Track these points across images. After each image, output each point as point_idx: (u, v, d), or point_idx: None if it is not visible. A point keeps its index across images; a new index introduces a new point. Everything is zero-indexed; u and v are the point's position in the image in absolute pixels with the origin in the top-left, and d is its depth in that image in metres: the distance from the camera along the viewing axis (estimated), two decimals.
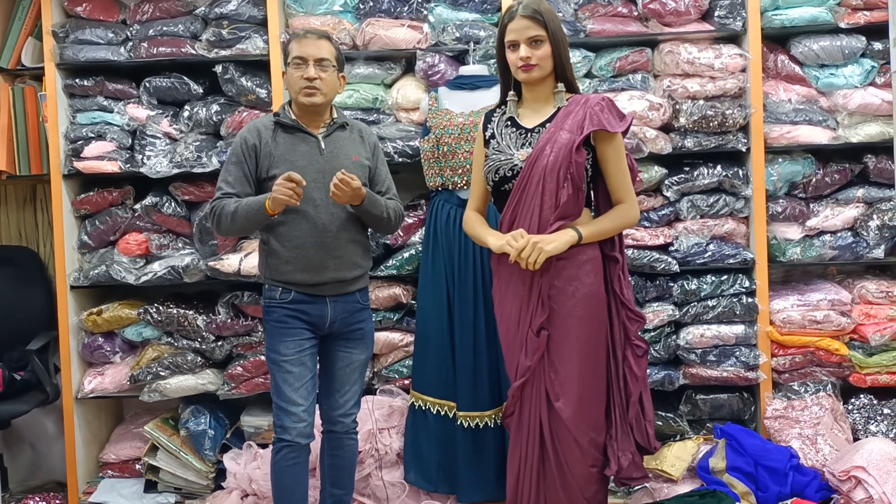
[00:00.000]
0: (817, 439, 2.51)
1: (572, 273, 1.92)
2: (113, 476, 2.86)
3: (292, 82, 2.11)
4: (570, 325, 1.92)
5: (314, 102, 2.10)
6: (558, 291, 1.92)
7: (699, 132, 2.64)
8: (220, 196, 2.11)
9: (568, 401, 1.91)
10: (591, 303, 1.93)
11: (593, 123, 1.88)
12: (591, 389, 1.94)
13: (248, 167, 2.11)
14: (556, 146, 1.89)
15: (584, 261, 1.93)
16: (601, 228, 1.94)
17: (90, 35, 2.74)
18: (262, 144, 2.11)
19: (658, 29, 2.66)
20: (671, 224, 2.71)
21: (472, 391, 2.48)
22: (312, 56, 2.08)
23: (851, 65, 2.64)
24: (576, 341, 1.92)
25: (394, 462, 2.60)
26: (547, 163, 1.89)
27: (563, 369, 1.92)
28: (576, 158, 1.87)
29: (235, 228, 2.10)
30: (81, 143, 2.75)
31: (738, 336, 2.63)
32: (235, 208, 2.06)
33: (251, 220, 2.06)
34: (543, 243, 1.86)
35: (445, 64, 2.69)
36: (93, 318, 2.78)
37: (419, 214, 2.73)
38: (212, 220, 2.13)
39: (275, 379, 2.13)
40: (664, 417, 2.65)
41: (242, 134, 2.15)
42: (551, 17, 1.92)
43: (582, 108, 1.92)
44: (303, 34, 2.13)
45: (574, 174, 1.88)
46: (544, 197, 1.90)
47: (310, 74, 2.07)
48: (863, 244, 2.67)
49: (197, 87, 2.77)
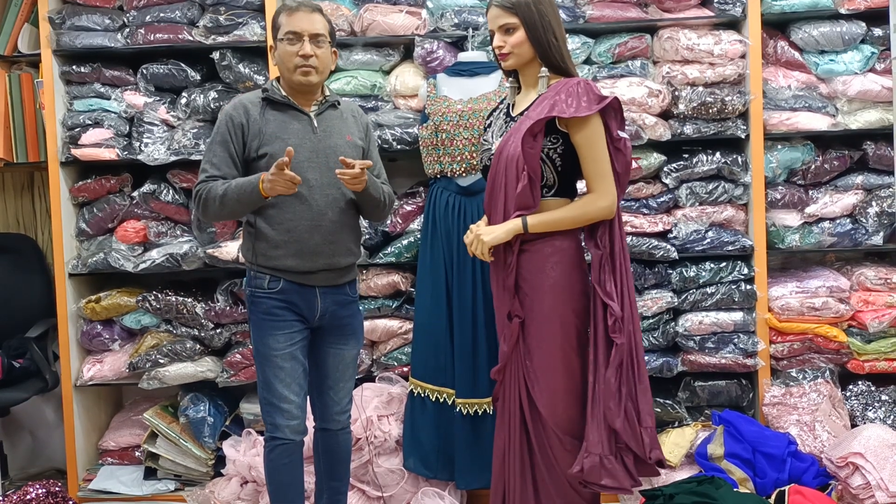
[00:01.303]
0: (815, 426, 2.52)
1: (538, 265, 1.89)
2: (112, 463, 2.86)
3: (285, 58, 1.98)
4: (537, 316, 1.89)
5: (310, 82, 2.00)
6: (526, 282, 1.90)
7: (698, 119, 2.63)
8: (205, 179, 1.99)
9: (541, 391, 1.89)
10: (557, 295, 1.88)
11: (551, 111, 1.82)
12: (562, 382, 1.89)
13: (234, 146, 1.99)
14: (517, 135, 1.85)
15: (551, 252, 1.89)
16: (555, 218, 1.87)
17: (87, 21, 2.73)
18: (251, 122, 1.99)
19: (657, 15, 2.65)
20: (670, 211, 2.71)
21: (470, 378, 2.48)
22: (307, 31, 1.97)
23: (851, 51, 2.63)
24: (543, 333, 1.89)
25: (393, 449, 2.61)
26: (509, 153, 1.87)
27: (535, 358, 1.90)
28: (527, 148, 1.82)
29: (225, 212, 1.98)
30: (79, 130, 2.74)
31: (736, 323, 2.63)
32: (224, 191, 1.94)
33: (243, 203, 1.94)
34: (485, 234, 1.87)
35: (444, 50, 2.67)
36: (91, 306, 2.77)
37: (418, 202, 2.72)
38: (197, 205, 2.00)
39: (264, 374, 2.02)
40: (662, 404, 2.66)
41: (227, 111, 2.01)
42: (525, 5, 1.87)
43: (554, 94, 1.87)
44: (295, 6, 1.99)
45: (528, 164, 1.82)
46: (507, 187, 1.87)
47: (306, 51, 1.96)
48: (862, 231, 2.67)
49: (194, 74, 2.75)
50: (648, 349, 2.66)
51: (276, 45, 2.03)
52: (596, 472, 1.84)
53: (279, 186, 1.87)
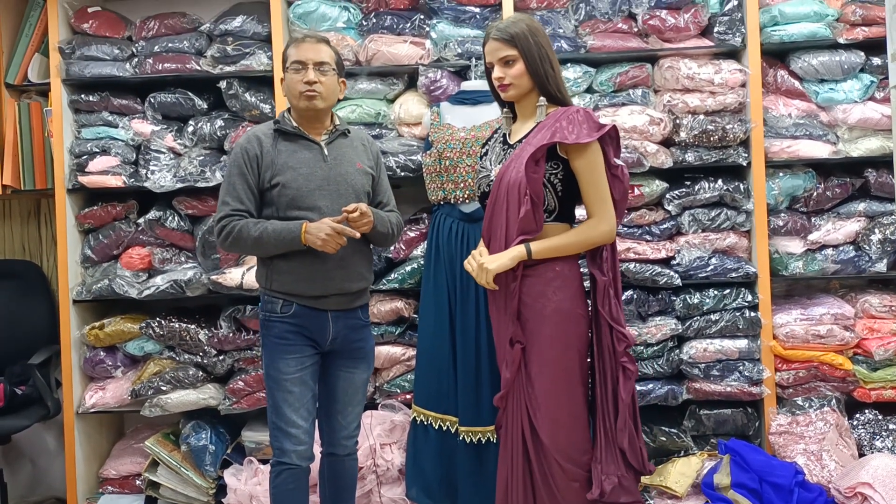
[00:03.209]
0: (822, 455, 2.49)
1: (539, 290, 1.90)
2: (113, 492, 2.83)
3: (291, 86, 2.06)
4: (540, 342, 1.90)
5: (314, 106, 2.05)
6: (527, 308, 1.91)
7: (700, 146, 2.65)
8: (231, 213, 2.03)
9: (543, 418, 1.89)
10: (559, 320, 1.90)
11: (553, 137, 1.87)
12: (565, 409, 1.90)
13: (251, 178, 2.05)
14: (518, 161, 1.88)
15: (552, 277, 1.90)
16: (558, 244, 1.90)
17: (96, 51, 2.77)
18: (264, 153, 2.05)
19: (658, 45, 2.69)
20: (673, 238, 2.71)
21: (474, 406, 2.46)
22: (312, 60, 2.04)
23: (851, 80, 2.66)
24: (546, 359, 1.90)
25: (395, 478, 2.58)
26: (510, 179, 1.89)
27: (537, 385, 1.90)
28: (531, 174, 1.85)
29: (258, 252, 2.05)
30: (86, 157, 2.77)
31: (741, 350, 2.62)
32: (260, 234, 1.99)
33: (280, 248, 2.00)
34: (489, 262, 1.88)
35: (447, 79, 2.71)
36: (95, 333, 2.77)
37: (421, 228, 2.74)
38: (223, 239, 2.03)
39: (274, 398, 2.05)
40: (668, 433, 2.63)
41: (241, 144, 2.08)
42: (523, 37, 1.92)
43: (554, 121, 1.91)
44: (301, 38, 2.10)
45: (531, 190, 1.85)
46: (509, 213, 1.90)
47: (309, 78, 2.03)
48: (865, 258, 2.66)
49: (201, 103, 2.79)
50: (653, 377, 2.65)
51: (285, 77, 2.10)
52: (616, 492, 1.90)
53: (329, 246, 1.95)
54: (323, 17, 2.74)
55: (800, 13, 2.63)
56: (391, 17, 2.75)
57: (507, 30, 1.94)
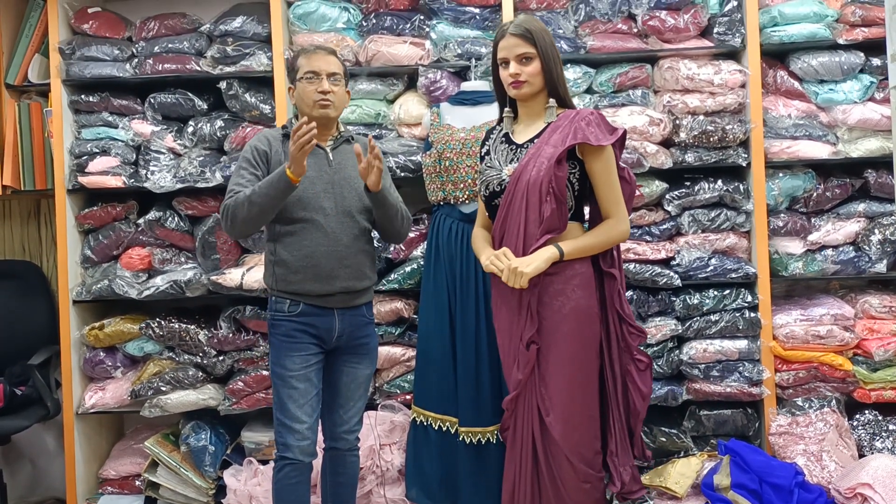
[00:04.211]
0: (822, 456, 2.49)
1: (559, 288, 1.92)
2: (113, 492, 2.83)
3: (305, 95, 2.13)
4: (557, 341, 1.92)
5: (328, 114, 2.13)
6: (545, 306, 1.93)
7: (699, 147, 2.65)
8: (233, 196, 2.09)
9: (557, 417, 1.90)
10: (579, 318, 1.92)
11: (576, 137, 1.89)
12: (580, 406, 1.93)
13: (259, 172, 2.12)
14: (539, 161, 1.90)
15: (571, 276, 1.93)
16: (585, 244, 1.94)
17: (96, 52, 2.78)
18: (272, 153, 2.14)
19: (658, 45, 2.69)
20: (672, 238, 2.71)
21: (474, 406, 2.46)
22: (325, 70, 2.13)
23: (850, 80, 2.66)
24: (563, 357, 1.91)
25: (395, 479, 2.58)
26: (530, 177, 1.91)
27: (552, 384, 1.91)
28: (556, 172, 1.88)
29: (255, 212, 2.02)
30: (86, 158, 2.77)
31: (741, 351, 2.62)
32: (251, 190, 2.02)
33: (272, 196, 2.00)
34: (523, 266, 1.88)
35: (447, 80, 2.71)
36: (94, 333, 2.78)
37: (421, 229, 2.74)
38: (225, 219, 2.08)
39: (279, 394, 2.11)
40: (667, 434, 2.63)
41: (252, 143, 2.17)
42: (541, 36, 1.95)
43: (569, 122, 1.93)
44: (312, 50, 2.19)
45: (556, 188, 1.88)
46: (528, 212, 1.91)
47: (324, 88, 2.11)
48: (865, 259, 2.66)
49: (201, 103, 2.79)
50: (654, 377, 2.64)
51: (295, 86, 2.18)
52: (633, 481, 1.99)
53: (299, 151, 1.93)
54: (323, 17, 2.75)
55: (799, 14, 2.64)
56: (391, 18, 2.75)
57: (527, 26, 1.95)
